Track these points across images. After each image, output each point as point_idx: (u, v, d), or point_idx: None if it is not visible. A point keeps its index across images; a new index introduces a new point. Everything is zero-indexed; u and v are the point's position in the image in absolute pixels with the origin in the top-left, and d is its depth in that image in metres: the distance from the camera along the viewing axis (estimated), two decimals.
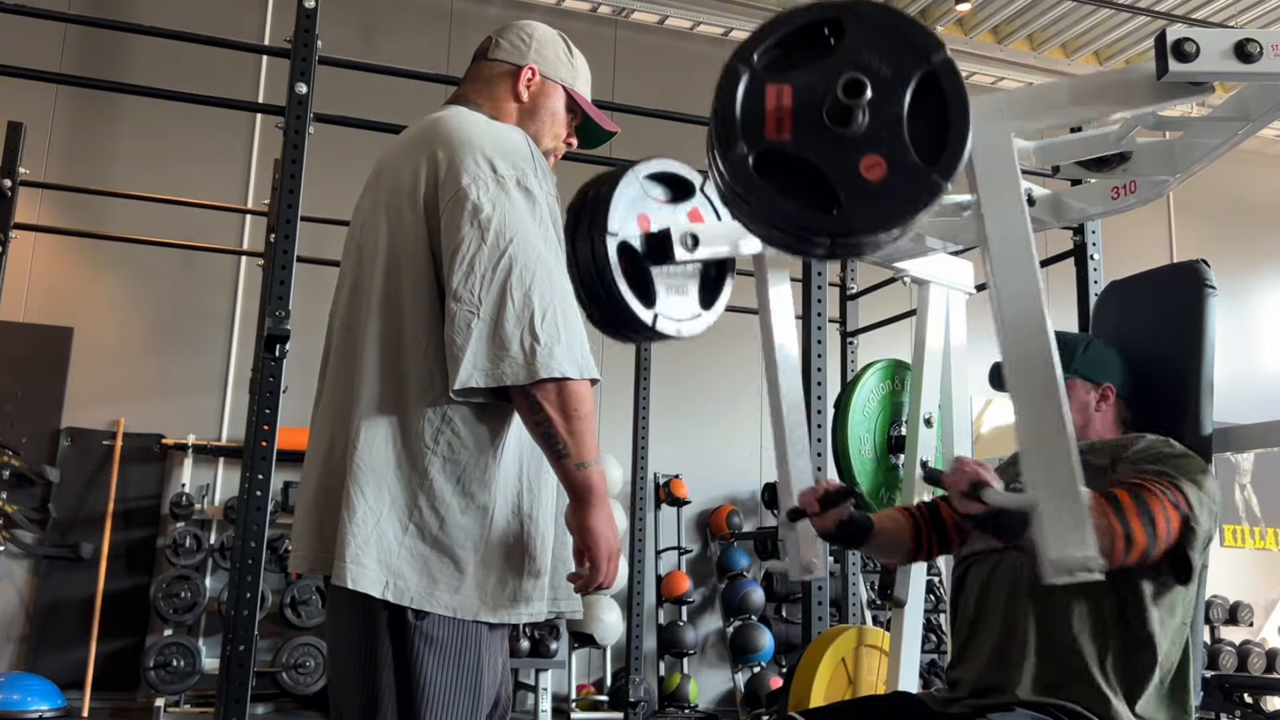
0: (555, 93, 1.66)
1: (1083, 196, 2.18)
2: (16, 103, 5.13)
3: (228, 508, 5.85)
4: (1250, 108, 1.68)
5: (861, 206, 1.25)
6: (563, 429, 1.36)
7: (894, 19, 1.29)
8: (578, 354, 1.37)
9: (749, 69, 1.28)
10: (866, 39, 1.28)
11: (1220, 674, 6.14)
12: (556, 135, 1.68)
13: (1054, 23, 8.14)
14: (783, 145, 1.27)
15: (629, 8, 7.32)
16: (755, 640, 6.37)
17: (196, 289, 6.37)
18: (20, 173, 4.10)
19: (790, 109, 1.27)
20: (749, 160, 1.27)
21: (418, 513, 1.39)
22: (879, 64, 1.27)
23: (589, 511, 1.40)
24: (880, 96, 1.25)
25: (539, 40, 1.66)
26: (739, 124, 1.27)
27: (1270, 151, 8.93)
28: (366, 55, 5.68)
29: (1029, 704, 1.66)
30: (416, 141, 1.51)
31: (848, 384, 3.05)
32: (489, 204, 1.39)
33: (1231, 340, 8.22)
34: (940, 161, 1.26)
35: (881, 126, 1.26)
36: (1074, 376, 1.93)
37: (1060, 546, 1.34)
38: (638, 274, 1.80)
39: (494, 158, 1.43)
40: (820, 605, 3.41)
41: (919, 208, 1.26)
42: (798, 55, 1.30)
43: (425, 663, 1.36)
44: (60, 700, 5.22)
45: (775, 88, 1.28)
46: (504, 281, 1.35)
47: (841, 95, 1.22)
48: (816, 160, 1.26)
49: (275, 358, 2.93)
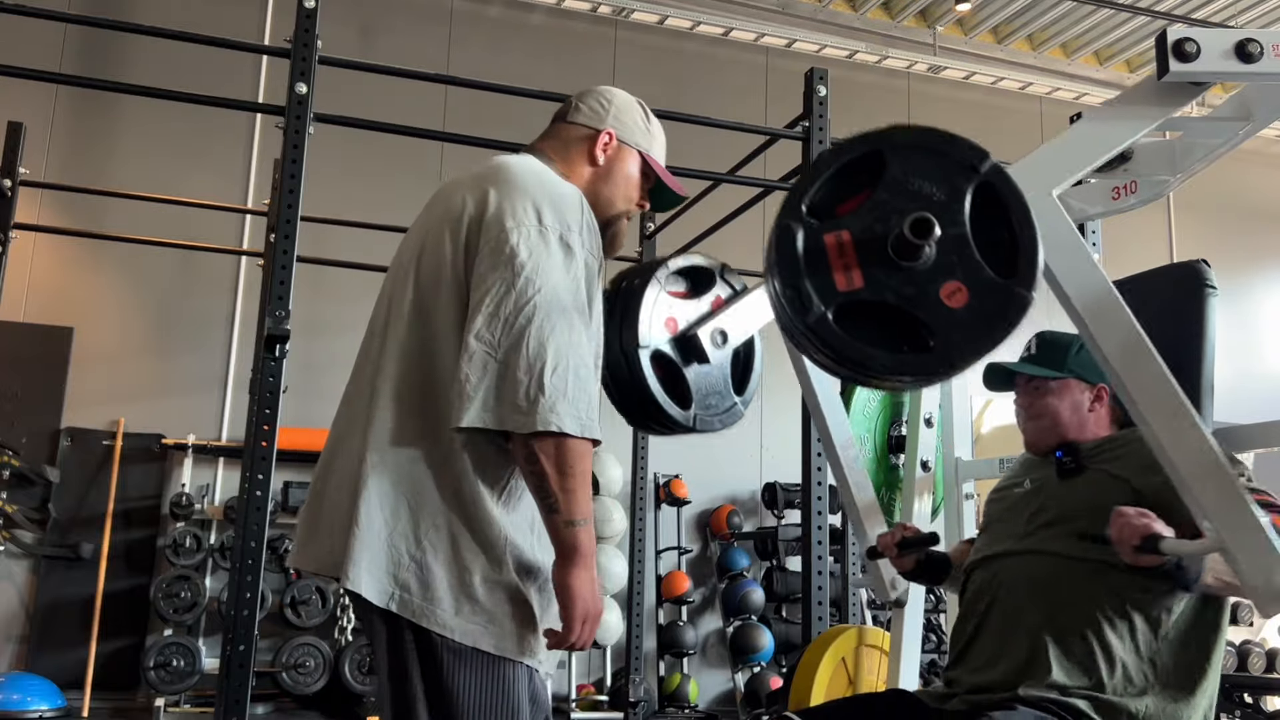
0: (631, 157, 1.68)
1: (1083, 196, 2.18)
2: (16, 103, 5.14)
3: (228, 508, 5.85)
4: (1250, 108, 1.68)
5: (955, 336, 1.23)
6: (555, 484, 1.36)
7: (933, 139, 1.27)
8: (581, 412, 1.36)
9: (801, 224, 1.26)
10: (910, 166, 1.26)
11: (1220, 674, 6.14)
12: (629, 199, 1.70)
13: (1054, 23, 8.14)
14: (858, 294, 1.25)
15: (629, 8, 7.32)
16: (755, 640, 6.37)
17: (196, 289, 6.37)
18: (20, 173, 4.10)
19: (855, 255, 1.25)
20: (829, 318, 1.24)
21: (433, 531, 1.40)
22: (930, 189, 1.25)
23: (571, 570, 1.39)
24: (940, 220, 1.22)
25: (618, 106, 1.69)
26: (808, 284, 1.25)
27: (1270, 151, 8.93)
28: (366, 55, 5.67)
29: (1031, 701, 1.65)
30: (479, 177, 1.53)
31: (847, 385, 3.04)
32: (526, 250, 1.40)
33: (1231, 340, 8.22)
34: (1018, 271, 1.23)
35: (949, 251, 1.23)
36: (1068, 376, 1.94)
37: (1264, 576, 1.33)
38: (671, 378, 1.77)
39: (542, 207, 1.45)
40: (820, 605, 3.41)
41: (1012, 325, 1.23)
42: (843, 196, 1.28)
43: (453, 674, 1.38)
44: (60, 700, 5.23)
45: (833, 236, 1.26)
46: (524, 328, 1.36)
47: (910, 235, 1.19)
48: (895, 300, 1.24)
49: (275, 358, 2.93)
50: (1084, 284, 1.43)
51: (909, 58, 7.97)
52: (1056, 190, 1.47)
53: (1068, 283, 1.42)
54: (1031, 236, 1.24)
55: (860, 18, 8.00)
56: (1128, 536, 1.48)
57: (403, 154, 6.17)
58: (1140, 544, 1.46)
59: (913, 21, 8.17)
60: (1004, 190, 1.25)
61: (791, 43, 7.72)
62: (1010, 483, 2.02)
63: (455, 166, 6.32)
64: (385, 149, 5.83)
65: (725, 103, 6.31)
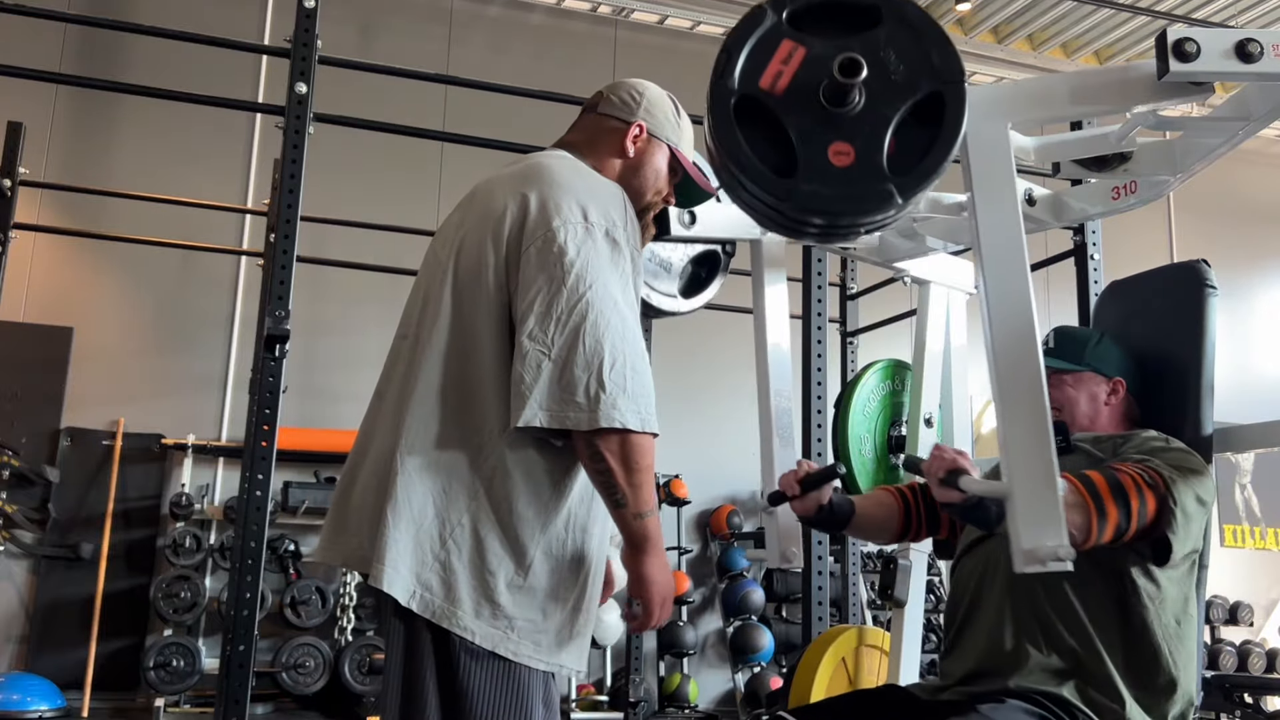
0: (660, 151, 1.69)
1: (1083, 196, 2.18)
2: (16, 103, 5.13)
3: (228, 508, 5.84)
4: (1250, 108, 1.68)
5: (812, 185, 1.24)
6: (622, 479, 1.39)
7: (930, 28, 1.27)
8: (642, 407, 1.38)
9: (775, 17, 1.28)
10: (896, 36, 1.27)
11: (1220, 674, 6.14)
12: (658, 192, 1.70)
13: (1054, 23, 8.14)
14: (769, 98, 1.27)
15: (629, 8, 7.32)
16: (755, 640, 6.37)
17: (196, 289, 6.37)
18: (20, 173, 4.10)
19: (794, 70, 1.26)
20: (732, 99, 1.27)
21: (459, 530, 1.40)
22: (896, 63, 1.26)
23: (644, 559, 1.44)
24: (882, 93, 1.24)
25: (649, 99, 1.69)
26: (740, 62, 1.27)
27: (1270, 151, 8.93)
28: (366, 55, 5.67)
29: (1019, 693, 1.65)
30: (516, 177, 1.53)
31: (848, 384, 3.04)
32: (574, 248, 1.41)
33: (1231, 340, 8.22)
34: (906, 175, 1.24)
35: (868, 121, 1.25)
36: (1085, 369, 1.94)
37: (1033, 536, 1.34)
38: None
39: (587, 205, 1.46)
40: (820, 605, 3.41)
41: (864, 210, 1.25)
42: (827, 25, 1.29)
43: (469, 676, 1.38)
44: (60, 700, 5.22)
45: (790, 45, 1.28)
46: (578, 326, 1.37)
47: (837, 72, 1.21)
48: (792, 125, 1.26)
49: (275, 358, 2.93)
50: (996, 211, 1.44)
51: None
52: (1013, 121, 1.48)
53: (981, 203, 1.44)
54: (938, 162, 1.25)
55: None
56: (935, 469, 1.49)
57: (403, 154, 6.17)
58: (944, 477, 1.47)
59: None
60: (951, 112, 1.26)
61: None
62: None
63: (455, 166, 6.35)
64: (385, 149, 5.83)
65: None
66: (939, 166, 1.25)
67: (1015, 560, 1.36)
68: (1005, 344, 1.42)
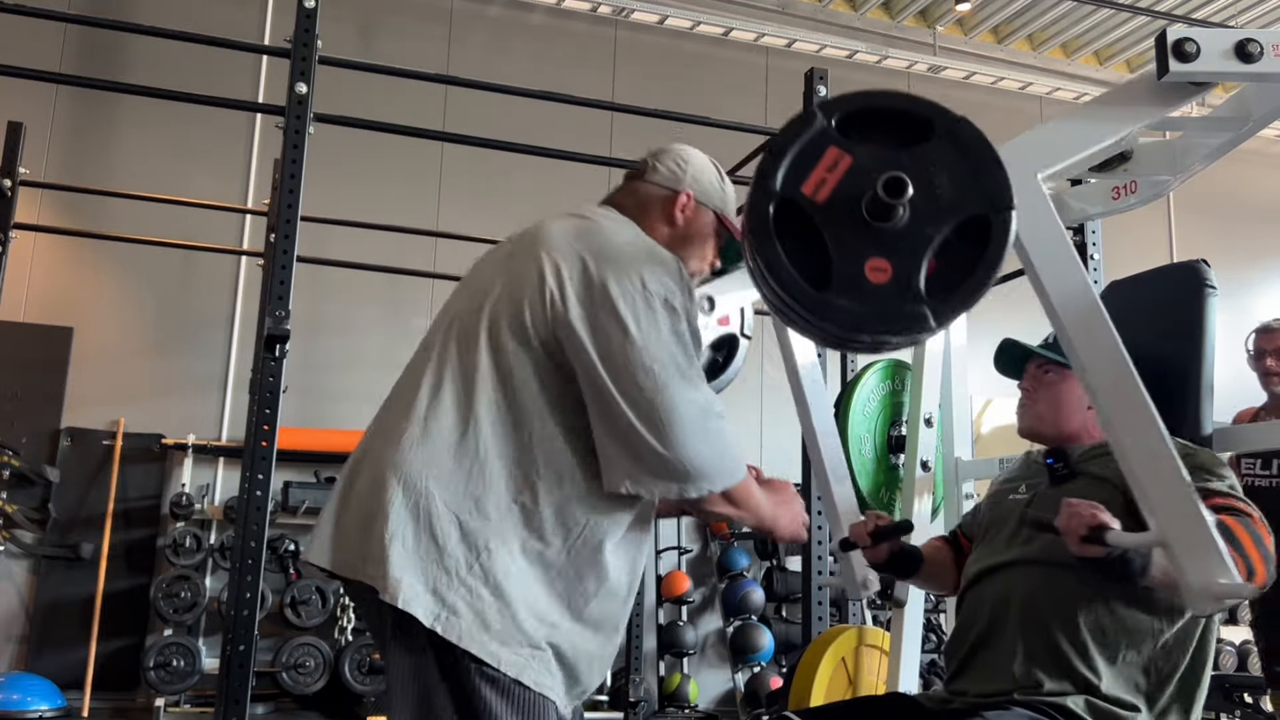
0: (707, 218, 1.70)
1: (1083, 196, 2.18)
2: (16, 103, 5.13)
3: (228, 508, 5.85)
4: (1250, 108, 1.68)
5: (845, 299, 1.21)
6: (747, 519, 1.51)
7: (982, 149, 1.25)
8: (728, 465, 1.44)
9: (825, 121, 1.26)
10: (946, 153, 1.24)
11: (1220, 674, 6.13)
12: (704, 258, 1.72)
13: (1054, 23, 8.14)
14: (811, 205, 1.24)
15: (629, 8, 7.31)
16: (755, 640, 6.37)
17: (196, 289, 6.37)
18: (20, 173, 4.10)
19: (838, 179, 1.24)
20: (772, 203, 1.24)
21: (485, 555, 1.39)
22: (945, 183, 1.23)
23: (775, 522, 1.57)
24: (926, 211, 1.21)
25: (695, 166, 1.71)
26: (784, 165, 1.25)
27: (1270, 151, 8.93)
28: (366, 55, 5.67)
29: (1025, 702, 1.66)
30: (570, 235, 1.52)
31: (848, 384, 3.04)
32: (633, 320, 1.42)
33: (1232, 340, 8.20)
34: (943, 301, 1.21)
35: (909, 238, 1.21)
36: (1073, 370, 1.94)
37: (1202, 575, 1.33)
38: None
39: (645, 274, 1.46)
40: (820, 605, 3.41)
41: (895, 331, 1.22)
42: (877, 134, 1.26)
43: (486, 701, 1.37)
44: (60, 700, 5.23)
45: (837, 152, 1.25)
46: (651, 400, 1.38)
47: (881, 190, 1.18)
48: (831, 236, 1.23)
49: (275, 358, 2.93)
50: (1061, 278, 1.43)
51: (909, 58, 7.97)
52: (1043, 174, 1.46)
53: (1045, 274, 1.43)
54: (975, 290, 1.22)
55: (860, 17, 8.01)
56: (1074, 527, 1.48)
57: (403, 154, 6.16)
58: (1086, 534, 1.46)
59: (913, 21, 8.17)
60: (995, 241, 1.23)
61: (791, 43, 7.71)
62: (1008, 485, 2.01)
63: (455, 166, 6.35)
64: (385, 149, 5.83)
65: (725, 103, 6.29)
66: (977, 294, 1.22)
67: (1192, 602, 1.36)
68: (1113, 398, 1.42)
